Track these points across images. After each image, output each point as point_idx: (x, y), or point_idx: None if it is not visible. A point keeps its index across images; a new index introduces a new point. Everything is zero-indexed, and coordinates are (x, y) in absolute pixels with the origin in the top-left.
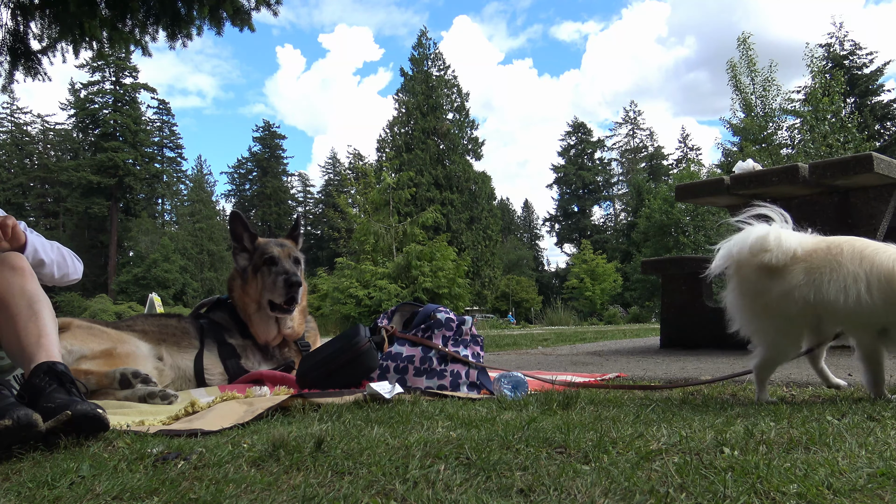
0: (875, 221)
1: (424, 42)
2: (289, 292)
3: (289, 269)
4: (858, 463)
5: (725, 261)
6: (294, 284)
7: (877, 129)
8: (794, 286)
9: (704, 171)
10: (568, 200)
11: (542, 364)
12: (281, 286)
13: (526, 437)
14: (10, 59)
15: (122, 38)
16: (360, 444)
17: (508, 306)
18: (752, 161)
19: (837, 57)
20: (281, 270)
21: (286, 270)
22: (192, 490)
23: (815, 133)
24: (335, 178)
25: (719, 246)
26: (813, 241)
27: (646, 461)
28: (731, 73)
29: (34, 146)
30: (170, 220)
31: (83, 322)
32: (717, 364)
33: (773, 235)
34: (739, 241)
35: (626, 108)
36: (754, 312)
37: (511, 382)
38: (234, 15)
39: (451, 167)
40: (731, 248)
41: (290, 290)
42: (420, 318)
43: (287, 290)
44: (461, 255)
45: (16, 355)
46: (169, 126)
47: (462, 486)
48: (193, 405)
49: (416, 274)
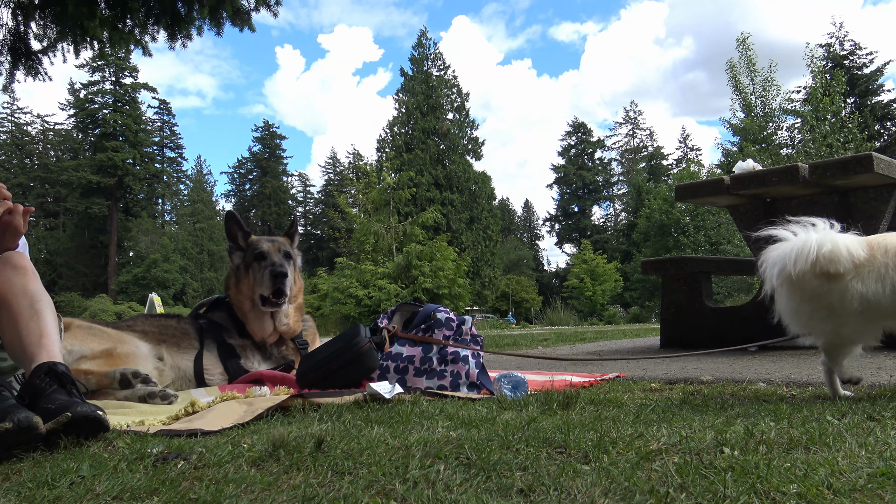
0: (875, 221)
1: (424, 42)
2: (275, 283)
3: (276, 261)
4: (858, 463)
5: (781, 274)
6: (279, 275)
7: (877, 130)
8: (852, 285)
9: (704, 171)
10: (568, 200)
11: (542, 364)
12: (267, 278)
13: (526, 437)
14: (10, 59)
15: (122, 38)
16: (360, 444)
17: (508, 306)
18: (752, 161)
19: (837, 57)
20: (268, 263)
21: (273, 262)
22: (192, 490)
23: (816, 133)
24: (335, 177)
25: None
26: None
27: (646, 461)
28: (731, 73)
29: (34, 146)
30: (170, 220)
31: (83, 322)
32: (716, 364)
33: (842, 246)
34: (797, 253)
35: (627, 107)
36: (820, 316)
37: (511, 382)
38: (234, 15)
39: (451, 167)
40: (786, 261)
41: (275, 282)
42: (420, 318)
43: (273, 281)
44: (461, 255)
45: (17, 355)
46: (169, 126)
47: (462, 486)
48: (193, 405)
49: (416, 274)
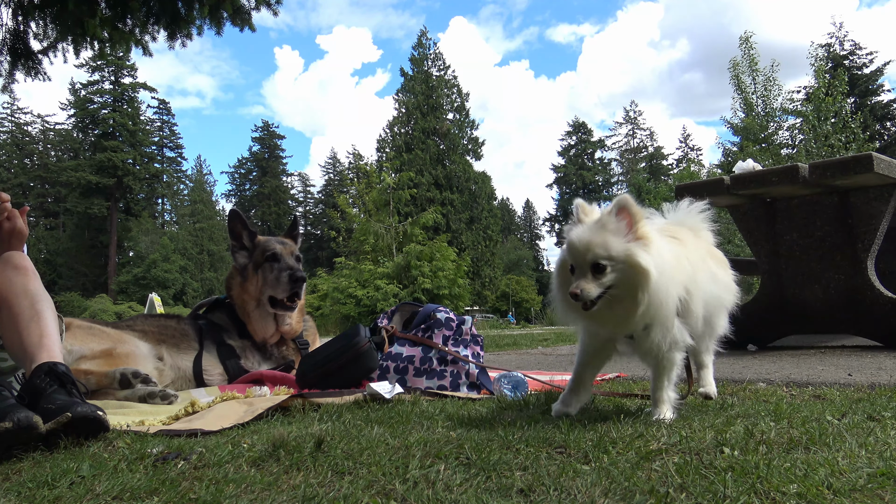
0: (875, 221)
1: (424, 42)
2: (293, 287)
3: (293, 265)
4: (858, 463)
5: None
6: (299, 280)
7: (877, 130)
8: None
9: (704, 171)
10: (568, 200)
11: (542, 364)
12: (286, 282)
13: (526, 437)
14: (9, 59)
15: (122, 38)
16: (360, 444)
17: (508, 306)
18: (753, 161)
19: (837, 57)
20: (285, 266)
21: (290, 266)
22: (192, 490)
23: (818, 133)
24: (335, 177)
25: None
26: None
27: (646, 461)
28: (733, 73)
29: (34, 146)
30: (170, 220)
31: (83, 322)
32: (716, 364)
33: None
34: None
35: (627, 107)
36: None
37: (511, 382)
38: (234, 14)
39: (451, 167)
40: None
41: (294, 286)
42: (420, 318)
43: (292, 286)
44: (461, 255)
45: (17, 355)
46: (169, 126)
47: (462, 486)
48: (193, 405)
49: (415, 274)
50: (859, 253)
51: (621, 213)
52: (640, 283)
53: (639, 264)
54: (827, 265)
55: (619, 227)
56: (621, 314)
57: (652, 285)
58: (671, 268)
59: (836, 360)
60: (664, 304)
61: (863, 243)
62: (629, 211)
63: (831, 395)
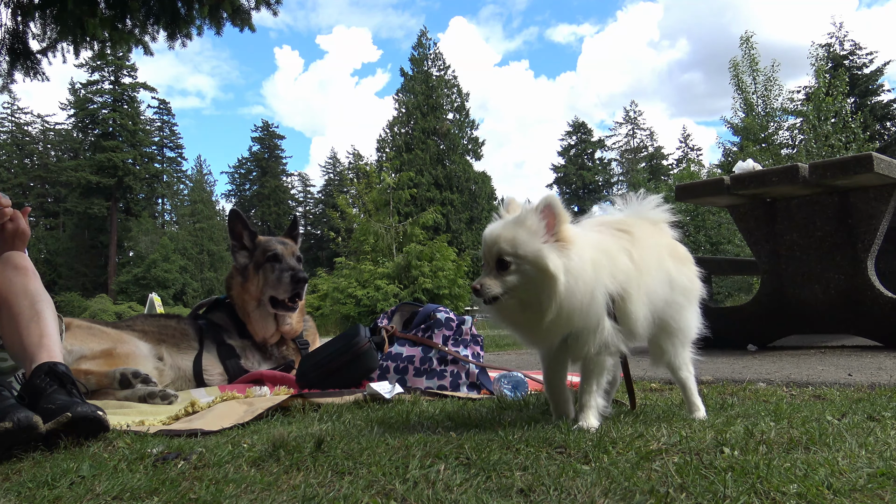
0: (875, 221)
1: (424, 42)
2: (295, 288)
3: (294, 265)
4: (858, 463)
5: None
6: (301, 280)
7: (877, 130)
8: None
9: (704, 171)
10: (568, 200)
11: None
12: (287, 282)
13: (526, 437)
14: (8, 59)
15: (122, 38)
16: (360, 444)
17: None
18: (753, 161)
19: (837, 57)
20: (286, 267)
21: (292, 267)
22: (192, 490)
23: (818, 133)
24: (335, 178)
25: None
26: None
27: (646, 461)
28: (734, 72)
29: (34, 146)
30: (170, 220)
31: (83, 322)
32: (716, 364)
33: None
34: None
35: (627, 107)
36: None
37: (511, 382)
38: (234, 14)
39: (452, 167)
40: None
41: (296, 286)
42: (420, 318)
43: (294, 287)
44: (461, 255)
45: (17, 355)
46: (169, 126)
47: (462, 486)
48: (193, 405)
49: (415, 274)
50: (859, 253)
51: (545, 213)
52: (546, 287)
53: (546, 268)
54: (827, 265)
55: (537, 227)
56: (532, 320)
57: (561, 292)
58: (592, 270)
59: (836, 360)
60: (580, 310)
61: (863, 243)
62: (553, 211)
63: (831, 395)
